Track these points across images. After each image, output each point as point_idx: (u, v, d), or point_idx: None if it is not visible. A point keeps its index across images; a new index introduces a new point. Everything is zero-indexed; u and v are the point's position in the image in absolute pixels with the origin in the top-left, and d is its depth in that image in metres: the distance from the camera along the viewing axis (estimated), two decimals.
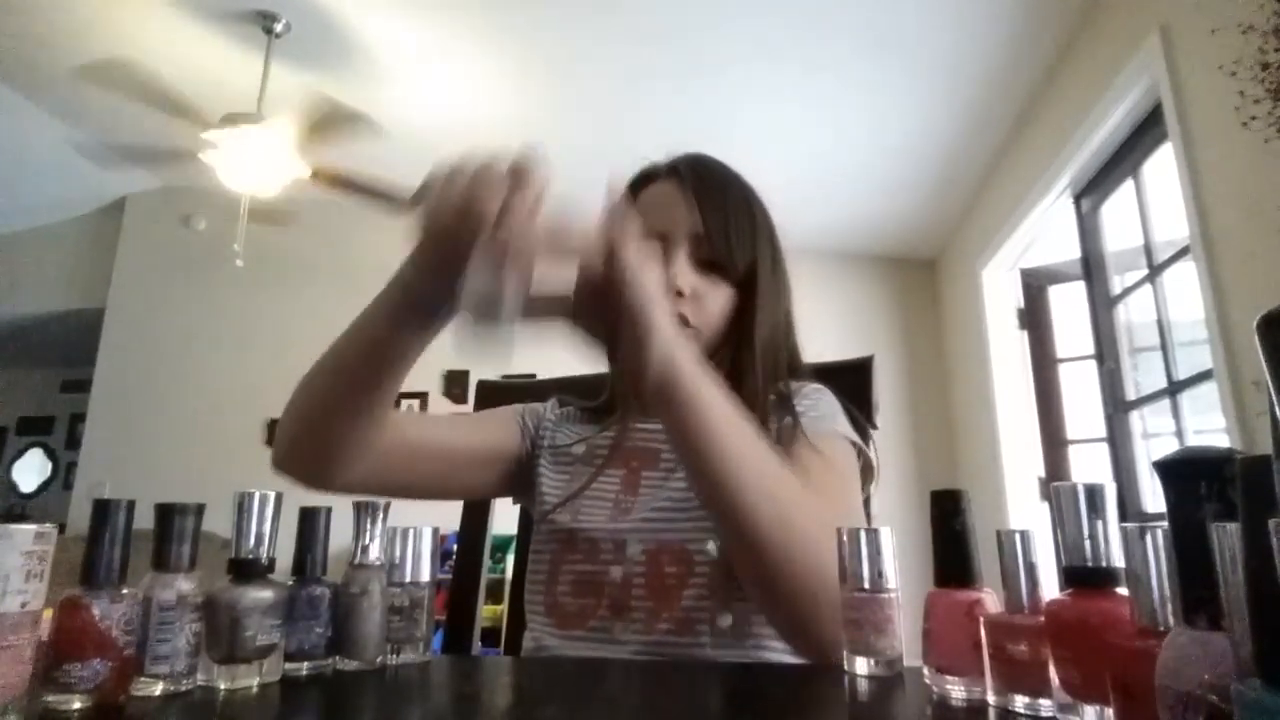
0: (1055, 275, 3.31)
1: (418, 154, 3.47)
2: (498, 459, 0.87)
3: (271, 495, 0.53)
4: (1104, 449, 2.69)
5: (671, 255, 0.82)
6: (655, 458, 0.84)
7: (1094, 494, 0.41)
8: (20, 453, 6.21)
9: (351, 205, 3.50)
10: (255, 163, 2.86)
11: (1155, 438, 2.53)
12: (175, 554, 0.48)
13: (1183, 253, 2.15)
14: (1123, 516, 0.40)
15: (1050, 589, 0.44)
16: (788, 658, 0.70)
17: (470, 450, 0.85)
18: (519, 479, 0.89)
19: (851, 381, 0.93)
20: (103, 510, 0.46)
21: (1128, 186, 2.51)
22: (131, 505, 0.48)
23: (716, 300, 0.83)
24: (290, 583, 0.53)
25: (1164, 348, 2.31)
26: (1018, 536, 0.46)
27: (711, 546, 0.74)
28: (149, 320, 4.56)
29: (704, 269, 0.82)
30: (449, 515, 1.09)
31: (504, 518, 1.03)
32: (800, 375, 0.87)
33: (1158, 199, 2.36)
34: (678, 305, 0.80)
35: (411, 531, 0.54)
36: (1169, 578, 0.33)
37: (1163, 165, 2.21)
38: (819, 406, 0.82)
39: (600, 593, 0.75)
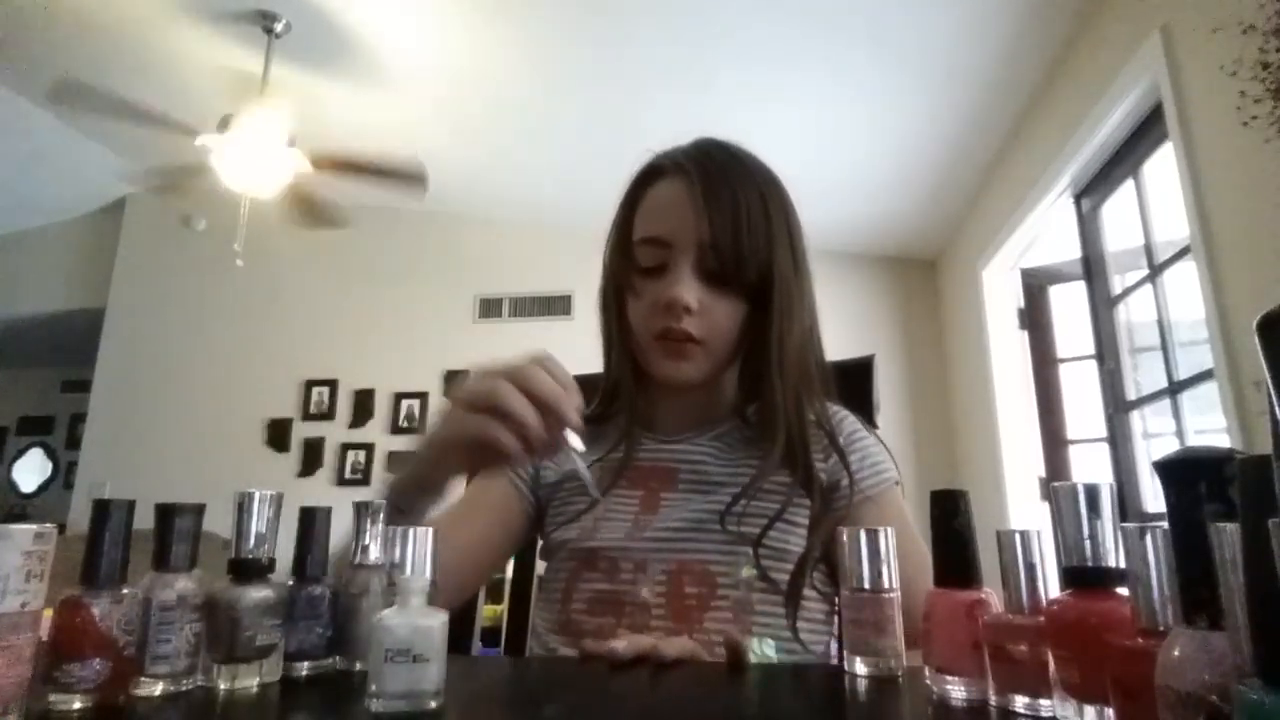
0: (1055, 275, 3.31)
1: (419, 153, 3.44)
2: (512, 529, 0.85)
3: (271, 495, 0.53)
4: (1104, 449, 2.69)
5: (677, 267, 0.77)
6: (673, 478, 0.81)
7: (1094, 494, 0.41)
8: (20, 453, 6.21)
9: (352, 205, 3.50)
10: (255, 163, 2.86)
11: (1155, 438, 2.53)
12: (175, 554, 0.48)
13: (1183, 253, 2.14)
14: (1123, 516, 0.40)
15: (1050, 589, 0.44)
16: None
17: (485, 539, 0.82)
18: (538, 523, 0.87)
19: (852, 381, 0.92)
20: (103, 510, 0.46)
21: (1128, 186, 2.51)
22: (131, 505, 0.48)
23: (727, 312, 0.78)
24: (290, 583, 0.53)
25: (1164, 348, 2.30)
26: (1018, 536, 0.45)
27: (745, 572, 0.72)
28: (149, 320, 4.57)
29: (713, 280, 0.77)
30: None
31: None
32: (826, 381, 0.84)
33: (1158, 199, 2.36)
34: (683, 322, 0.76)
35: (411, 531, 0.54)
36: (1169, 578, 0.33)
37: (1163, 165, 2.21)
38: (866, 450, 0.80)
39: (619, 612, 0.72)
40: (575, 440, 0.53)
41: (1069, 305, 3.20)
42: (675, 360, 0.79)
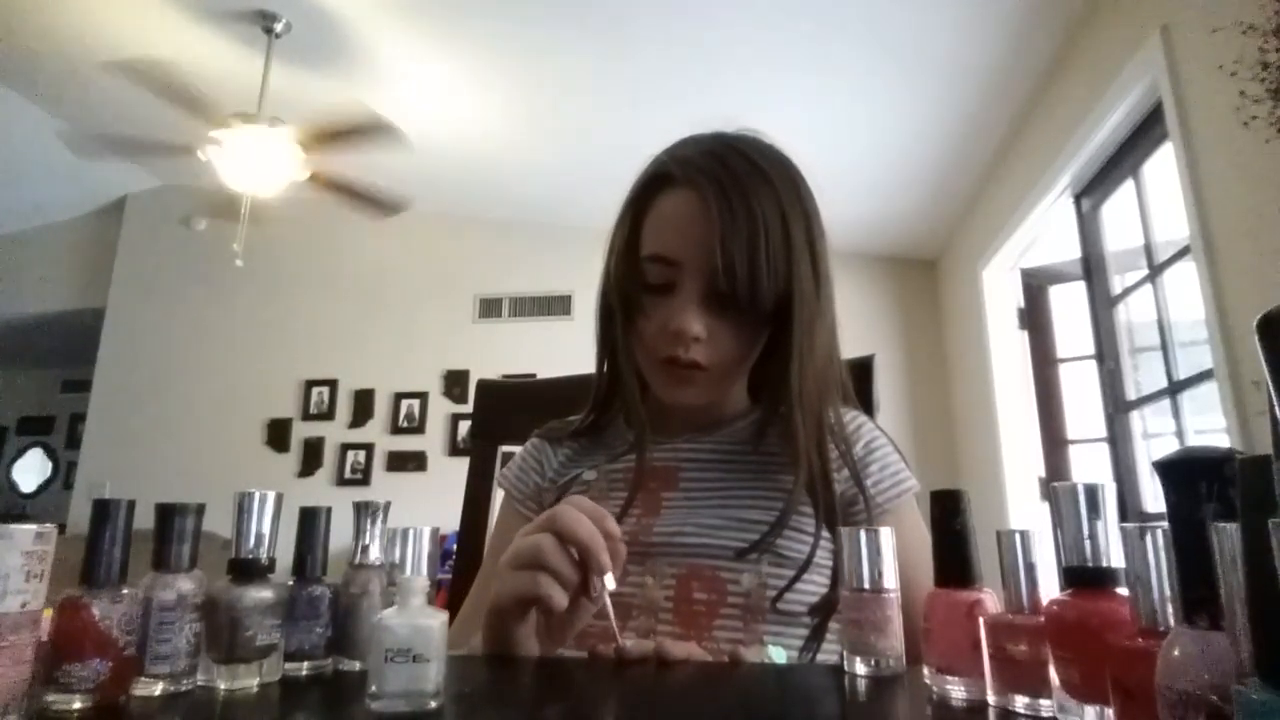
0: (1055, 275, 3.31)
1: (419, 153, 3.44)
2: None
3: (271, 495, 0.53)
4: (1104, 449, 2.69)
5: (685, 290, 0.73)
6: (673, 478, 0.79)
7: (1094, 494, 0.41)
8: (20, 453, 6.21)
9: (351, 206, 3.50)
10: (255, 163, 2.86)
11: (1155, 438, 2.53)
12: (175, 554, 0.48)
13: (1183, 253, 2.14)
14: (1123, 516, 0.40)
15: (1050, 589, 0.44)
16: None
17: None
18: None
19: (852, 381, 0.92)
20: (103, 510, 0.46)
21: (1128, 186, 2.51)
22: (131, 505, 0.48)
23: (738, 337, 0.74)
24: (290, 583, 0.53)
25: (1164, 348, 2.31)
26: (1018, 536, 0.46)
27: (746, 580, 0.71)
28: (149, 320, 4.57)
29: (724, 304, 0.72)
30: (449, 515, 1.09)
31: None
32: (845, 389, 0.81)
33: (1158, 199, 2.36)
34: (690, 350, 0.73)
35: (411, 531, 0.54)
36: (1169, 578, 0.33)
37: (1163, 165, 2.21)
38: (885, 462, 0.79)
39: (626, 615, 0.71)
40: (609, 580, 0.57)
41: (1069, 305, 3.20)
42: (680, 385, 0.76)
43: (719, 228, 0.70)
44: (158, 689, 0.46)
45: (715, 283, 0.71)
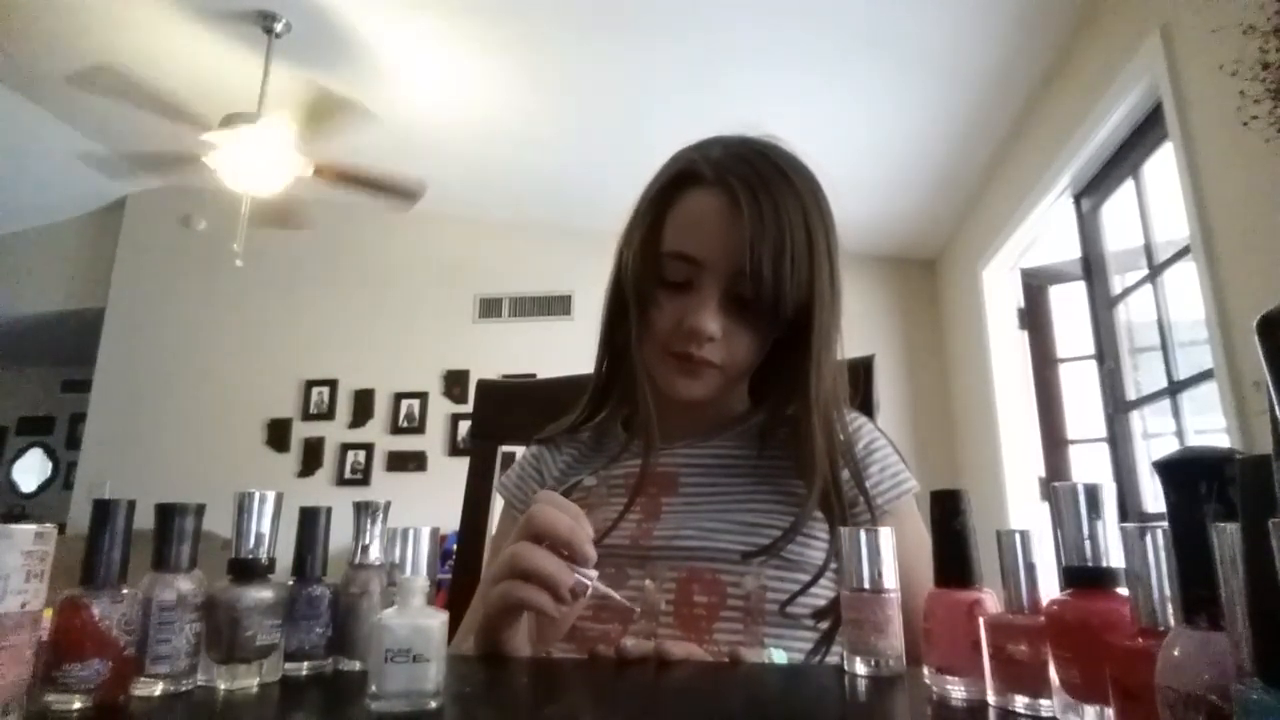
0: (1055, 275, 3.31)
1: (419, 153, 3.45)
2: None
3: (271, 495, 0.53)
4: (1104, 449, 2.69)
5: (705, 289, 0.73)
6: (674, 483, 0.79)
7: (1094, 494, 0.41)
8: (20, 453, 6.20)
9: (351, 205, 3.50)
10: (255, 163, 2.86)
11: (1155, 438, 2.53)
12: (175, 554, 0.48)
13: (1183, 253, 2.14)
14: (1123, 516, 0.40)
15: (1050, 589, 0.44)
16: None
17: None
18: None
19: (852, 382, 0.92)
20: (103, 510, 0.46)
21: (1128, 186, 2.51)
22: (131, 505, 0.48)
23: (751, 339, 0.75)
24: (290, 583, 0.53)
25: (1164, 348, 2.30)
26: (1018, 536, 0.46)
27: (749, 581, 0.71)
28: (149, 320, 4.57)
29: (743, 307, 0.73)
30: (449, 515, 1.09)
31: None
32: (845, 391, 0.81)
33: (1158, 199, 2.36)
34: (704, 349, 0.73)
35: (411, 531, 0.54)
36: (1169, 578, 0.33)
37: (1163, 165, 2.21)
38: (886, 463, 0.79)
39: (626, 618, 0.71)
40: (591, 573, 0.58)
41: (1069, 305, 3.20)
42: (687, 379, 0.76)
43: (749, 232, 0.70)
44: (158, 689, 0.46)
45: (737, 285, 0.72)
